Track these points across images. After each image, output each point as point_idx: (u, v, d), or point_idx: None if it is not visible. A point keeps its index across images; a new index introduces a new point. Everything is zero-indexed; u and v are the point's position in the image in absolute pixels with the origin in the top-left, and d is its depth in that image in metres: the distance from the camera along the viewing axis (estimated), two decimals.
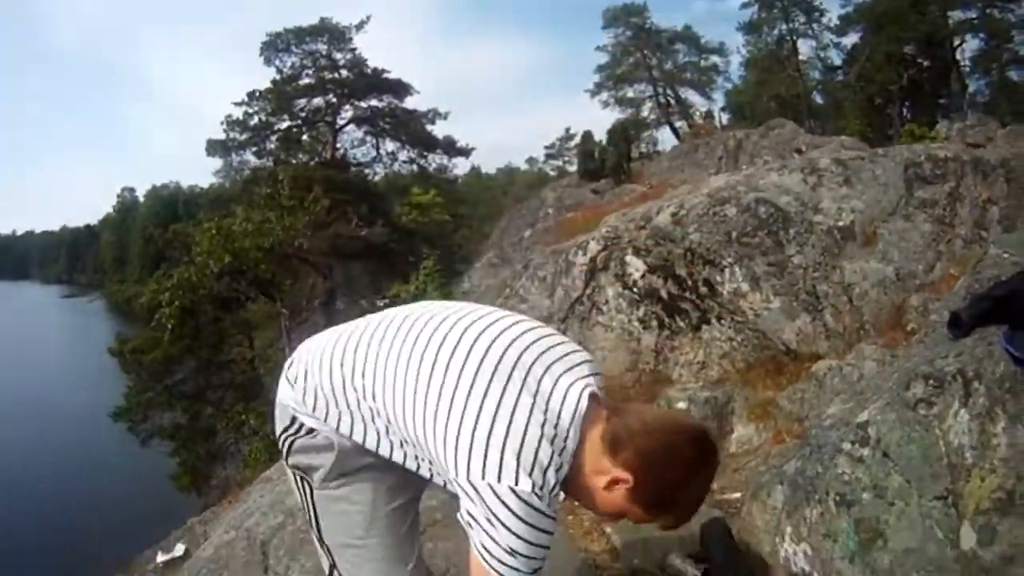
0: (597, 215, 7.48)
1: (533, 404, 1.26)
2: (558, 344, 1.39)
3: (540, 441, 1.23)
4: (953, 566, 1.73)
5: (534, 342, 1.36)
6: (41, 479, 18.81)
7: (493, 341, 1.34)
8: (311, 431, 1.48)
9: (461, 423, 1.26)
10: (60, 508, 16.54)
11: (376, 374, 1.39)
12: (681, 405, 3.80)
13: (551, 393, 1.29)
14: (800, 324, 3.90)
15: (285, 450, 1.52)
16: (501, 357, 1.31)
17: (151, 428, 14.70)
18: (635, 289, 4.53)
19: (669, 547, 2.57)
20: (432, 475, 1.44)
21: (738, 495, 2.93)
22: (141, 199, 77.14)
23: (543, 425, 1.25)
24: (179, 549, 4.20)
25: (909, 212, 4.17)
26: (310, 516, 1.55)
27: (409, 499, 1.55)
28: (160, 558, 4.22)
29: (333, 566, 1.56)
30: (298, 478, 1.54)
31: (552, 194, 13.99)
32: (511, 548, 1.23)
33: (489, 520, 1.23)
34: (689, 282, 4.44)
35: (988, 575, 1.67)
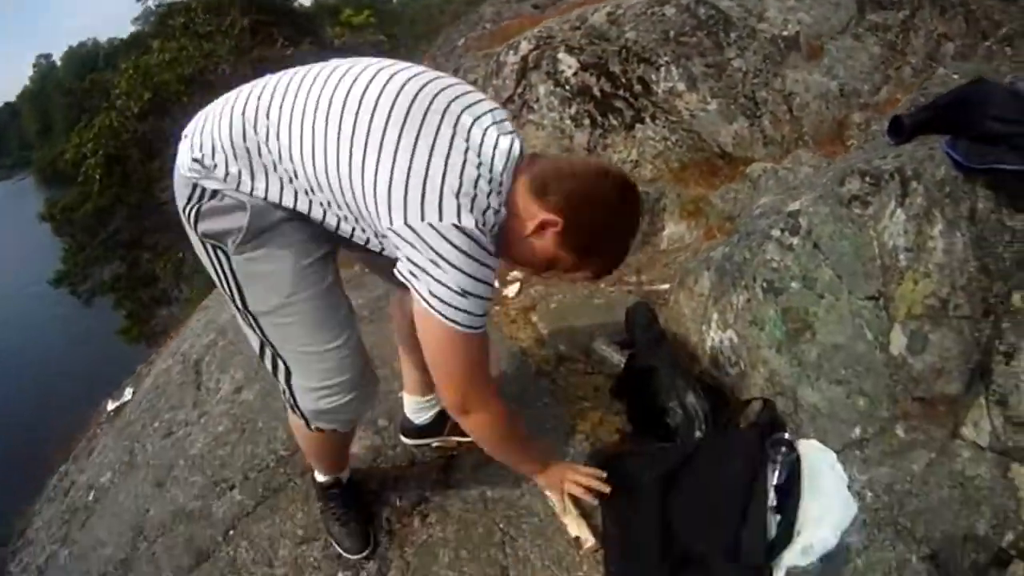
0: (534, 22, 6.94)
1: (467, 148, 1.20)
2: (481, 99, 1.30)
3: (477, 181, 1.19)
4: (882, 369, 1.66)
5: (459, 95, 1.27)
6: None
7: (420, 89, 1.23)
8: (215, 193, 1.31)
9: (394, 166, 1.17)
10: (11, 383, 16.27)
11: (286, 123, 1.26)
12: None
13: (482, 141, 1.23)
14: (737, 128, 3.70)
15: (192, 221, 1.34)
16: (430, 104, 1.21)
17: (92, 286, 14.08)
18: (567, 87, 4.20)
19: (594, 333, 2.52)
20: (354, 231, 1.33)
21: (667, 286, 2.84)
22: (59, 64, 70.14)
23: (479, 167, 1.20)
24: (127, 394, 4.08)
25: (859, 33, 3.88)
26: (230, 288, 1.39)
27: (327, 251, 1.42)
28: (110, 406, 4.11)
29: (263, 342, 1.44)
30: (210, 248, 1.35)
31: (491, 9, 12.98)
32: (462, 288, 1.20)
33: (435, 263, 1.18)
34: (623, 80, 4.14)
35: (917, 385, 1.60)
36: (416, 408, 1.98)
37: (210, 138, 1.30)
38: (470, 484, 1.92)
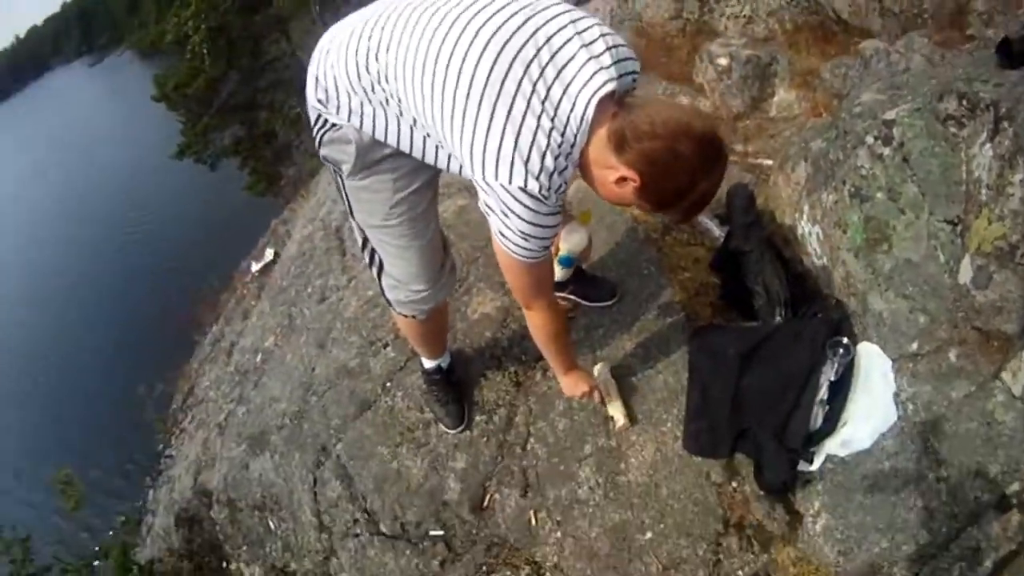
0: None
1: (541, 113, 1.32)
2: (572, 36, 1.37)
3: (546, 149, 1.33)
4: (947, 293, 1.78)
5: (551, 36, 1.36)
6: (126, 231, 19.73)
7: (511, 36, 1.34)
8: (334, 126, 1.57)
9: (475, 129, 1.35)
10: (153, 249, 17.63)
11: (394, 68, 1.44)
12: (722, 62, 3.72)
13: (559, 104, 1.33)
14: None
15: (317, 143, 1.65)
16: (516, 54, 1.33)
17: (215, 151, 14.85)
18: None
19: None
20: (450, 160, 1.54)
21: (770, 162, 3.00)
22: None
23: (550, 133, 1.33)
24: (269, 254, 4.55)
25: None
26: (343, 199, 1.76)
27: (424, 182, 1.70)
28: (254, 268, 4.60)
29: (365, 240, 1.83)
30: (331, 169, 1.71)
31: None
32: (523, 233, 1.42)
33: (503, 212, 1.40)
34: None
35: (977, 315, 1.71)
36: None
37: (331, 78, 1.52)
38: (583, 344, 2.34)
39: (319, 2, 13.11)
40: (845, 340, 1.96)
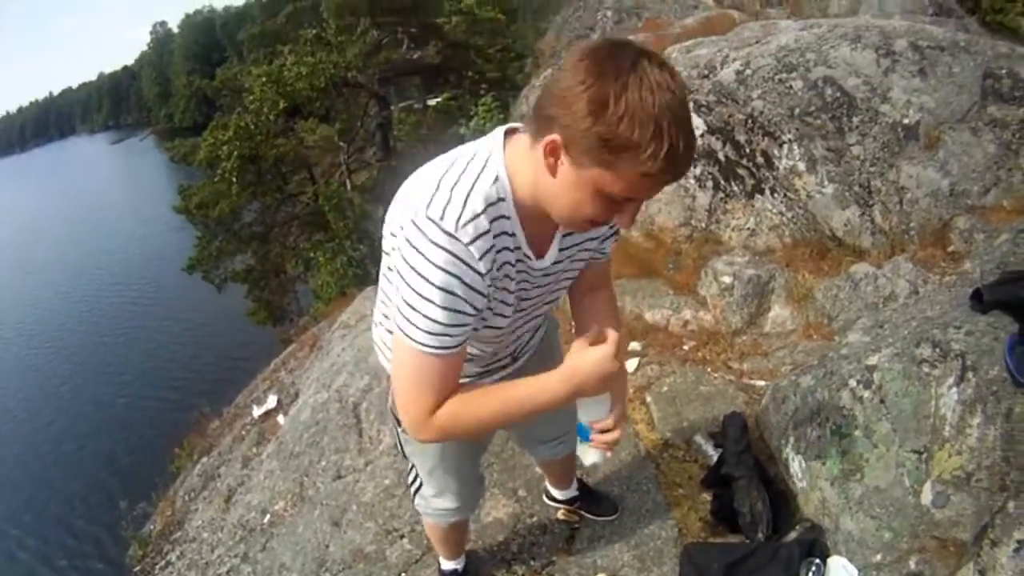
0: (658, 32, 7.49)
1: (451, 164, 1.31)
2: None
3: (460, 177, 1.26)
4: (911, 512, 2.17)
5: None
6: (127, 340, 20.64)
7: None
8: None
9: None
10: (144, 353, 18.40)
11: None
12: (726, 280, 4.26)
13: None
14: (849, 215, 4.16)
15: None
16: None
17: (224, 274, 15.99)
18: None
19: (695, 423, 3.22)
20: None
21: (763, 383, 3.46)
22: (175, 30, 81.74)
23: (464, 167, 1.29)
24: (271, 401, 4.94)
25: (977, 126, 4.09)
26: (398, 441, 2.00)
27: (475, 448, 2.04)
28: (256, 412, 4.97)
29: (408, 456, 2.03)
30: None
31: None
32: (429, 300, 1.23)
33: (411, 276, 1.24)
34: (747, 150, 4.68)
35: (936, 529, 2.09)
36: (555, 490, 2.82)
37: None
38: (587, 554, 2.69)
39: (346, 151, 14.38)
40: (817, 560, 2.33)
